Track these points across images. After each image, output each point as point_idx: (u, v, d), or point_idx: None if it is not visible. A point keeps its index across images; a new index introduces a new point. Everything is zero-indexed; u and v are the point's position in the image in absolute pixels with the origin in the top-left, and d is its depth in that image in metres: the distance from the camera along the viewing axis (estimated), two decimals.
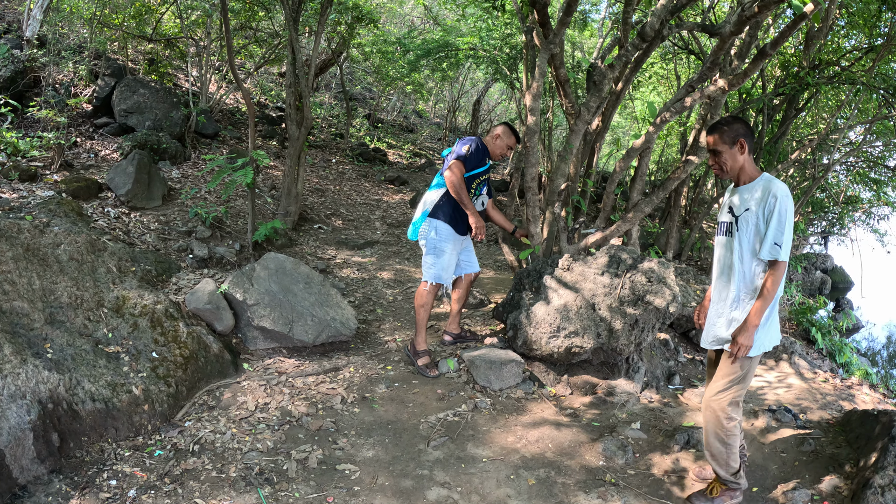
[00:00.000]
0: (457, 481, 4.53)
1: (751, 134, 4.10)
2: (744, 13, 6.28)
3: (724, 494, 4.36)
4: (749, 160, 4.10)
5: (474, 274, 6.70)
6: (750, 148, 4.09)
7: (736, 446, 4.21)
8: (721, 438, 4.19)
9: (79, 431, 4.41)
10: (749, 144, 4.08)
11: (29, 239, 5.24)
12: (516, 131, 6.48)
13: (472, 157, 6.11)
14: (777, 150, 10.96)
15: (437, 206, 6.22)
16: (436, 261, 6.24)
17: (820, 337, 9.76)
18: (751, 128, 4.11)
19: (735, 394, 4.13)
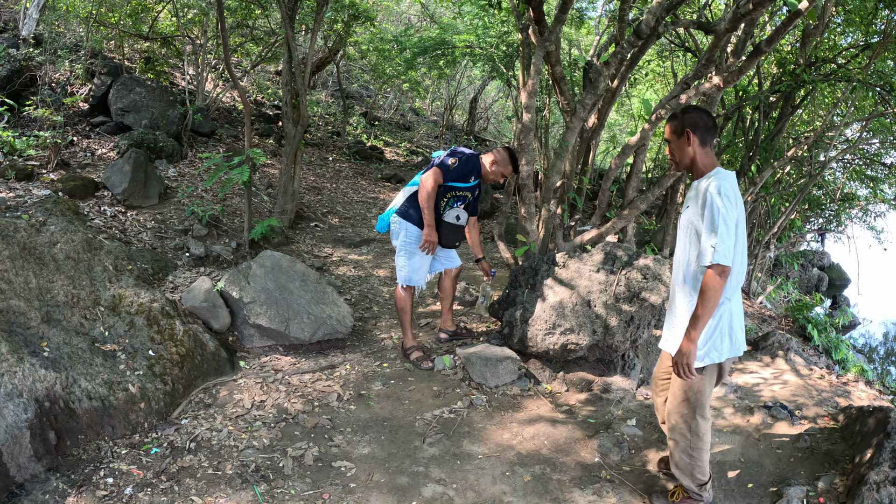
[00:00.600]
0: (452, 478, 4.54)
1: (706, 126, 3.88)
2: (738, 10, 6.29)
3: (685, 502, 4.29)
4: (703, 153, 3.89)
5: (455, 269, 6.68)
6: (702, 140, 3.87)
7: (702, 459, 4.10)
8: (687, 452, 4.09)
9: (75, 429, 4.42)
10: (701, 137, 3.87)
11: (25, 238, 5.25)
12: (516, 160, 6.43)
13: (454, 171, 6.08)
14: (773, 148, 10.97)
15: (407, 208, 6.24)
16: (406, 262, 6.26)
17: (816, 334, 9.78)
18: (708, 120, 3.90)
19: (691, 407, 3.99)
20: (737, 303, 3.91)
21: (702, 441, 4.03)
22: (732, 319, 3.87)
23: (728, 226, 3.60)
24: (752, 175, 11.09)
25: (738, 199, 3.74)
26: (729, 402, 5.99)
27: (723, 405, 5.91)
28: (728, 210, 3.61)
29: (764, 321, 10.43)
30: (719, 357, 3.86)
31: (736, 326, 3.89)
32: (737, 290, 3.88)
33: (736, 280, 3.82)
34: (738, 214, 3.72)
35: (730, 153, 13.49)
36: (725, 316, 3.84)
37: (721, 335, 3.84)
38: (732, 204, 3.65)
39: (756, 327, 8.43)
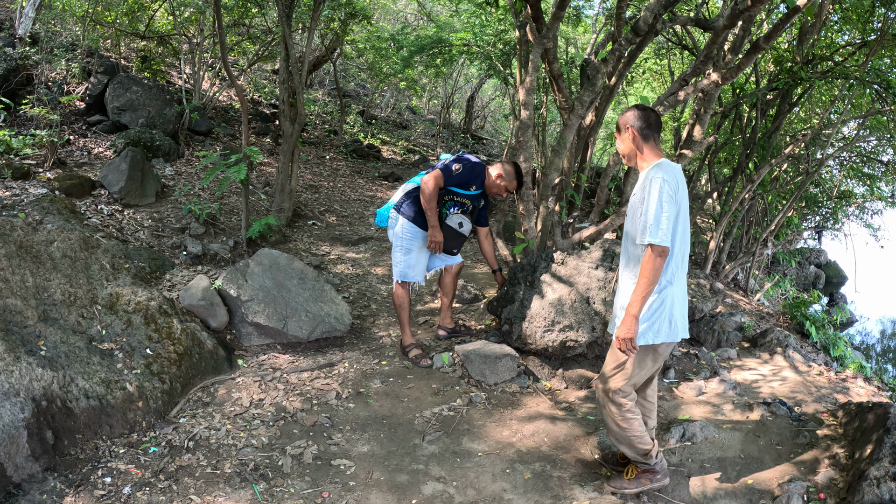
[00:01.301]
0: (452, 476, 4.53)
1: (646, 122, 4.09)
2: (737, 7, 6.28)
3: (641, 476, 4.39)
4: (648, 147, 4.11)
5: (456, 266, 6.68)
6: (643, 136, 4.09)
7: (635, 429, 4.21)
8: (615, 422, 4.22)
9: (73, 429, 4.40)
10: (641, 132, 4.09)
11: (22, 236, 5.23)
12: (521, 175, 6.47)
13: (456, 176, 6.10)
14: (771, 145, 10.96)
15: (406, 202, 6.24)
16: (402, 258, 6.27)
17: (814, 331, 9.77)
18: (648, 116, 4.11)
19: (618, 383, 4.14)
20: (680, 289, 4.10)
21: (626, 409, 4.18)
22: (674, 305, 4.05)
23: (667, 211, 3.81)
24: (749, 172, 11.09)
25: (681, 189, 3.96)
26: (728, 398, 5.98)
27: (722, 402, 5.90)
28: (668, 197, 3.82)
29: (762, 318, 10.43)
30: (654, 339, 4.02)
31: (677, 312, 4.07)
32: (680, 276, 4.08)
33: (678, 266, 4.04)
34: (681, 203, 3.95)
35: (727, 151, 13.49)
36: (668, 299, 4.03)
37: (662, 318, 4.02)
38: (673, 192, 3.86)
39: (754, 324, 8.40)
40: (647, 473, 4.38)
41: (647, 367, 4.18)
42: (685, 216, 4.01)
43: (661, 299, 4.02)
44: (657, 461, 4.36)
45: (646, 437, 4.27)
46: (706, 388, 6.20)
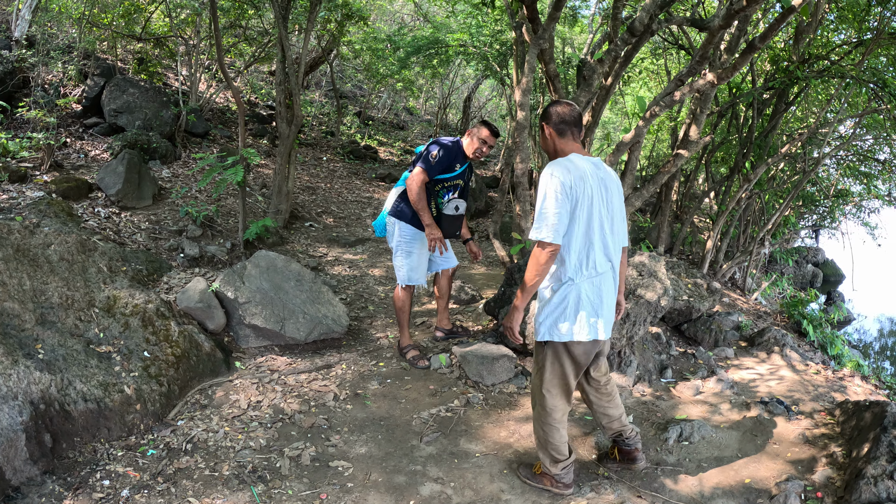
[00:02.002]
0: (450, 476, 4.53)
1: (561, 118, 4.04)
2: (732, 7, 6.29)
3: (544, 477, 4.42)
4: (561, 142, 4.06)
5: (452, 268, 6.59)
6: (558, 132, 4.04)
7: (553, 437, 4.22)
8: (539, 424, 4.27)
9: (71, 432, 4.40)
10: (556, 128, 4.04)
11: (19, 240, 5.23)
12: (491, 125, 6.11)
13: (437, 164, 5.94)
14: (767, 145, 10.97)
15: (399, 206, 6.17)
16: (404, 262, 6.18)
17: (811, 329, 9.79)
18: (563, 112, 4.05)
19: (542, 383, 4.16)
20: (590, 288, 3.99)
21: (551, 417, 4.18)
22: (580, 302, 3.95)
23: (558, 208, 3.77)
24: (746, 172, 11.10)
25: (584, 183, 3.84)
26: (725, 397, 5.99)
27: (719, 401, 5.91)
28: (559, 193, 3.77)
29: (759, 317, 10.45)
30: (559, 336, 3.98)
31: (584, 311, 3.96)
32: (586, 272, 3.98)
33: (582, 263, 3.96)
34: (583, 197, 3.84)
35: (724, 150, 13.49)
36: (571, 297, 3.95)
37: (563, 315, 3.96)
38: (568, 188, 3.78)
39: (752, 323, 8.42)
40: (549, 478, 4.39)
41: (567, 367, 4.10)
42: (593, 209, 3.90)
43: (561, 296, 3.98)
44: (560, 474, 4.33)
45: (562, 449, 4.26)
46: (703, 388, 6.21)
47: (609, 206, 4.02)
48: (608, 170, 4.13)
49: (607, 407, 4.49)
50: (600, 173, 4.00)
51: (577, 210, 3.83)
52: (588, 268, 3.95)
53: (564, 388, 4.15)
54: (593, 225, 3.91)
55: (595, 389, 4.46)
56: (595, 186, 3.89)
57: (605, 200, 3.97)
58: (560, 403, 4.17)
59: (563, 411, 4.20)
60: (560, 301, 3.97)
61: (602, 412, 4.51)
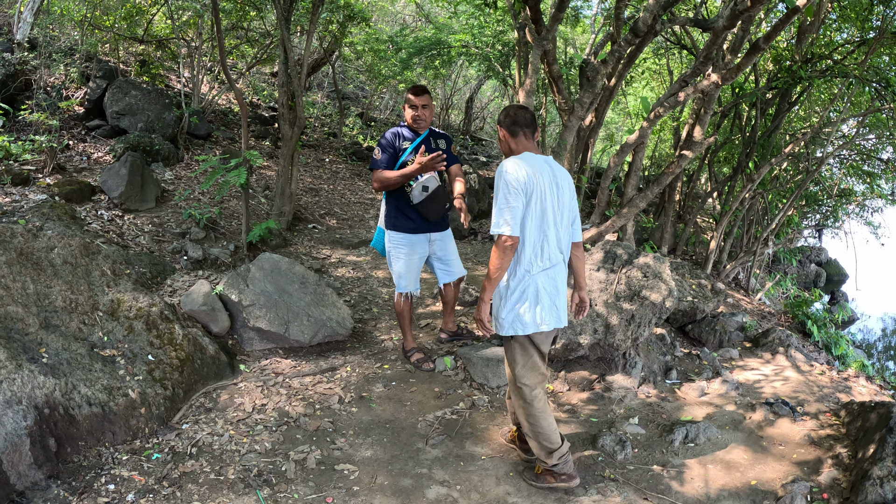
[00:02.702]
0: (456, 479, 4.52)
1: (513, 120, 4.19)
2: (737, 7, 6.28)
3: (546, 475, 4.47)
4: (514, 142, 4.21)
5: (456, 279, 6.38)
6: (511, 132, 4.19)
7: (541, 426, 4.29)
8: (523, 417, 4.35)
9: (76, 436, 4.40)
10: (509, 129, 4.19)
11: (22, 243, 5.22)
12: (413, 87, 5.85)
13: (383, 159, 5.79)
14: (770, 144, 10.96)
15: (384, 217, 6.07)
16: (394, 268, 6.09)
17: (816, 329, 9.77)
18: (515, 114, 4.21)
19: (517, 377, 4.29)
20: (545, 279, 4.17)
21: (533, 407, 4.27)
22: (539, 295, 4.12)
23: (511, 203, 3.93)
24: (749, 172, 11.09)
25: (535, 179, 4.00)
26: (731, 399, 5.98)
27: (724, 402, 5.90)
28: (511, 189, 3.93)
29: (763, 318, 10.43)
30: (523, 329, 4.14)
31: (543, 301, 4.13)
32: (541, 264, 4.14)
33: (536, 255, 4.12)
34: (535, 193, 4.00)
35: (726, 150, 13.49)
36: (530, 290, 4.12)
37: (525, 308, 4.12)
38: (520, 184, 3.94)
39: (756, 324, 8.40)
40: (549, 473, 4.44)
41: (536, 356, 4.28)
42: (546, 203, 4.07)
43: (519, 290, 4.13)
44: (558, 463, 4.37)
45: (553, 437, 4.32)
46: (708, 389, 6.20)
47: (560, 201, 4.19)
48: (560, 167, 4.30)
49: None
50: (552, 170, 4.16)
51: (530, 204, 3.99)
52: (542, 260, 4.13)
53: (538, 376, 4.31)
54: (547, 218, 4.09)
55: None
56: (546, 182, 4.06)
57: (556, 196, 4.14)
58: (539, 392, 4.30)
59: (542, 399, 4.31)
60: (520, 295, 4.12)
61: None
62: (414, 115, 5.79)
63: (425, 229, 6.00)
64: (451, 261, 6.26)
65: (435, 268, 6.31)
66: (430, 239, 6.08)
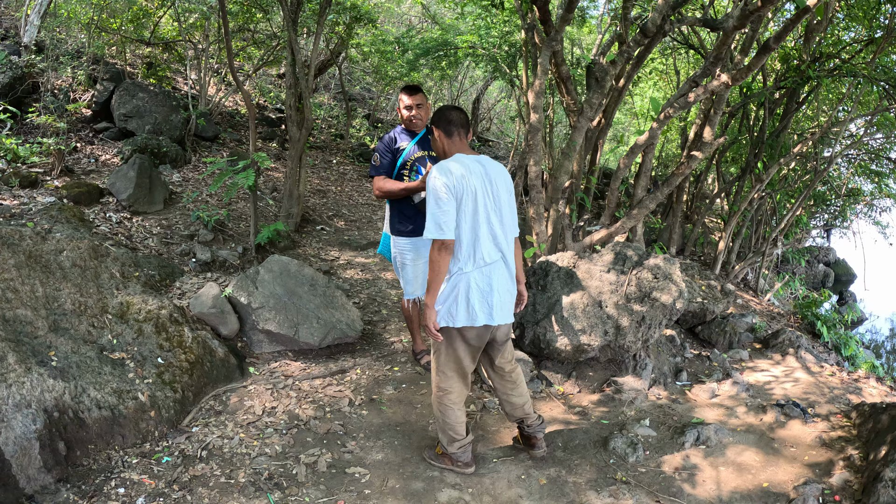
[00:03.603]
0: (468, 482, 4.51)
1: (447, 121, 4.31)
2: (747, 7, 6.26)
3: (444, 457, 4.68)
4: (448, 143, 4.34)
5: None
6: (446, 132, 4.33)
7: (450, 419, 4.47)
8: (436, 402, 4.52)
9: (85, 439, 4.39)
10: (444, 129, 4.32)
11: (31, 246, 5.21)
12: (406, 87, 5.74)
13: (381, 161, 5.66)
14: (779, 144, 10.93)
15: (388, 222, 5.94)
16: (401, 274, 5.95)
17: (825, 330, 9.74)
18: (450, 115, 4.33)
19: (438, 365, 4.45)
20: (479, 276, 4.25)
21: (447, 398, 4.45)
22: (470, 291, 4.21)
23: (443, 206, 4.05)
24: (758, 172, 11.05)
25: (466, 180, 4.11)
26: (741, 400, 5.96)
27: (735, 404, 5.88)
28: (443, 192, 4.05)
29: (773, 318, 10.40)
30: (453, 322, 4.23)
31: (474, 298, 4.21)
32: (475, 262, 4.24)
33: (469, 255, 4.22)
34: (466, 194, 4.10)
35: (734, 150, 13.45)
36: (461, 285, 4.21)
37: (455, 302, 4.22)
38: (451, 186, 4.06)
39: (766, 325, 8.38)
40: (449, 458, 4.64)
41: (461, 351, 4.35)
42: (478, 202, 4.16)
43: (451, 286, 4.22)
44: (458, 453, 4.57)
45: (458, 429, 4.51)
46: (719, 391, 6.18)
47: (496, 199, 4.27)
48: (495, 165, 4.38)
49: (511, 395, 4.69)
50: (484, 169, 4.25)
51: (461, 206, 4.10)
52: (477, 258, 4.22)
53: (459, 370, 4.42)
54: (479, 218, 4.17)
55: (500, 377, 4.69)
56: (479, 182, 4.15)
57: (490, 194, 4.22)
58: (455, 385, 4.44)
59: (458, 393, 4.46)
60: (451, 290, 4.22)
61: (506, 399, 4.71)
62: (409, 115, 5.66)
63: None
64: None
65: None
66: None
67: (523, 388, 4.74)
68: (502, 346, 4.60)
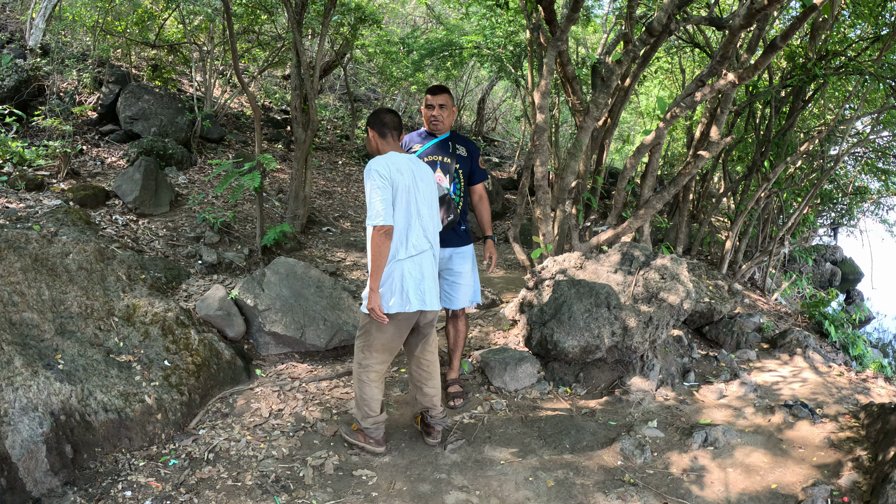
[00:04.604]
0: (475, 484, 4.49)
1: (381, 122, 4.62)
2: (753, 6, 6.23)
3: (358, 434, 4.88)
4: (381, 143, 4.63)
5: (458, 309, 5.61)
6: (379, 133, 4.62)
7: (366, 396, 4.69)
8: (356, 378, 4.73)
9: (92, 442, 4.39)
10: (378, 130, 4.63)
11: (37, 249, 5.22)
12: (432, 86, 5.41)
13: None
14: (785, 143, 10.89)
15: None
16: None
17: (833, 330, 9.70)
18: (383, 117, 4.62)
19: (364, 344, 4.64)
20: (411, 265, 4.50)
21: (366, 374, 4.67)
22: (404, 279, 4.46)
23: (378, 196, 4.30)
24: (764, 171, 11.02)
25: (401, 174, 4.41)
26: (749, 401, 5.93)
27: (743, 405, 5.85)
28: (378, 183, 4.31)
29: (780, 318, 10.37)
30: (387, 309, 4.43)
31: (409, 286, 4.46)
32: (406, 253, 4.48)
33: (401, 243, 4.47)
34: (400, 186, 4.39)
35: (740, 149, 13.41)
36: (396, 273, 4.45)
37: (390, 290, 4.45)
38: (384, 178, 4.34)
39: (773, 325, 8.35)
40: (362, 434, 4.84)
41: (390, 333, 4.56)
42: (410, 194, 4.45)
43: (387, 273, 4.45)
44: (370, 428, 4.78)
45: (373, 406, 4.72)
46: (727, 391, 6.15)
47: (423, 194, 4.56)
48: (422, 165, 4.69)
49: (425, 385, 4.89)
50: (414, 167, 4.55)
51: (395, 197, 4.39)
52: (408, 248, 4.48)
53: (384, 350, 4.65)
54: (411, 210, 4.47)
55: (418, 366, 4.89)
56: (410, 178, 4.46)
57: (419, 189, 4.52)
58: (376, 364, 4.65)
59: (377, 371, 4.67)
60: (386, 278, 4.45)
61: (419, 387, 4.90)
62: (430, 115, 5.33)
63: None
64: (455, 284, 5.49)
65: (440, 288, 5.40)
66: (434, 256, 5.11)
67: (437, 381, 4.93)
68: (426, 335, 4.82)
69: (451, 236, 5.37)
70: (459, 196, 5.45)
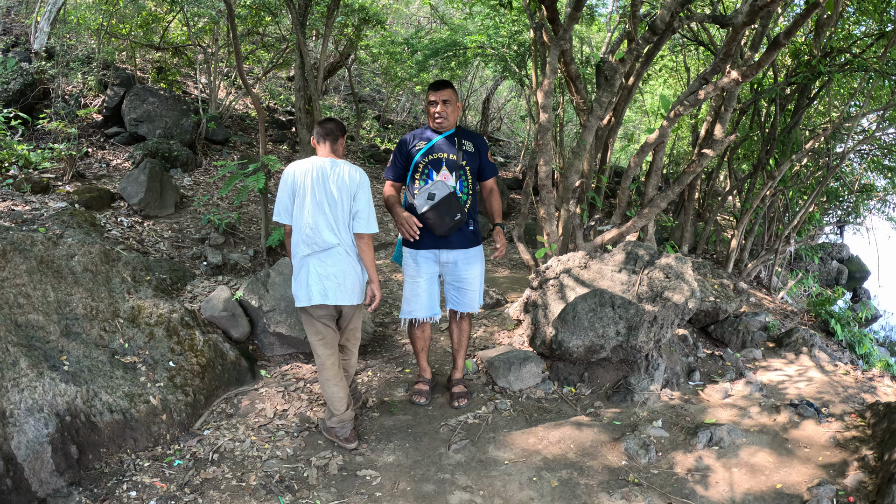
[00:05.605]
0: (479, 485, 4.49)
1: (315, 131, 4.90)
2: (756, 3, 6.22)
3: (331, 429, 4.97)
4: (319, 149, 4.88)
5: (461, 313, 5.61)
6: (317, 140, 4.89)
7: (328, 394, 4.83)
8: (320, 377, 4.86)
9: (97, 443, 4.40)
10: (316, 138, 4.90)
11: (43, 251, 5.23)
12: (434, 81, 5.20)
13: (393, 164, 5.26)
14: (791, 141, 10.87)
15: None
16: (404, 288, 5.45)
17: (839, 328, 9.66)
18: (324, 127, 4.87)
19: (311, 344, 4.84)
20: (317, 261, 4.66)
21: (322, 374, 4.82)
22: (309, 274, 4.67)
23: (280, 197, 4.72)
24: (770, 169, 11.00)
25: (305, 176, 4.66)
26: (755, 400, 5.92)
27: (748, 404, 5.83)
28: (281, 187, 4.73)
29: (786, 317, 10.33)
30: (298, 302, 4.74)
31: (312, 280, 4.66)
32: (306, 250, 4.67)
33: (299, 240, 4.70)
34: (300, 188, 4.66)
35: (745, 147, 13.38)
36: (301, 270, 4.72)
37: (299, 285, 4.74)
38: (286, 182, 4.71)
39: (779, 323, 8.32)
40: (331, 429, 4.94)
41: (313, 326, 4.78)
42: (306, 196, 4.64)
43: (296, 270, 4.78)
44: (335, 427, 4.89)
45: (336, 405, 4.84)
46: (732, 391, 6.13)
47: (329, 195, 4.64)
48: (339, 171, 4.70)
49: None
50: (323, 171, 4.66)
51: (295, 198, 4.69)
52: (308, 245, 4.66)
53: (320, 343, 4.79)
54: (315, 210, 4.64)
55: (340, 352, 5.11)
56: (316, 178, 4.63)
57: (323, 190, 4.64)
58: (324, 360, 4.78)
59: (330, 368, 4.79)
60: (296, 273, 4.77)
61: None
62: (433, 111, 5.14)
63: (432, 245, 5.24)
64: (462, 290, 5.43)
65: (445, 291, 5.55)
66: (439, 257, 5.30)
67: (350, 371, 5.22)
68: (345, 326, 5.01)
69: (458, 237, 5.22)
70: (467, 194, 5.24)
